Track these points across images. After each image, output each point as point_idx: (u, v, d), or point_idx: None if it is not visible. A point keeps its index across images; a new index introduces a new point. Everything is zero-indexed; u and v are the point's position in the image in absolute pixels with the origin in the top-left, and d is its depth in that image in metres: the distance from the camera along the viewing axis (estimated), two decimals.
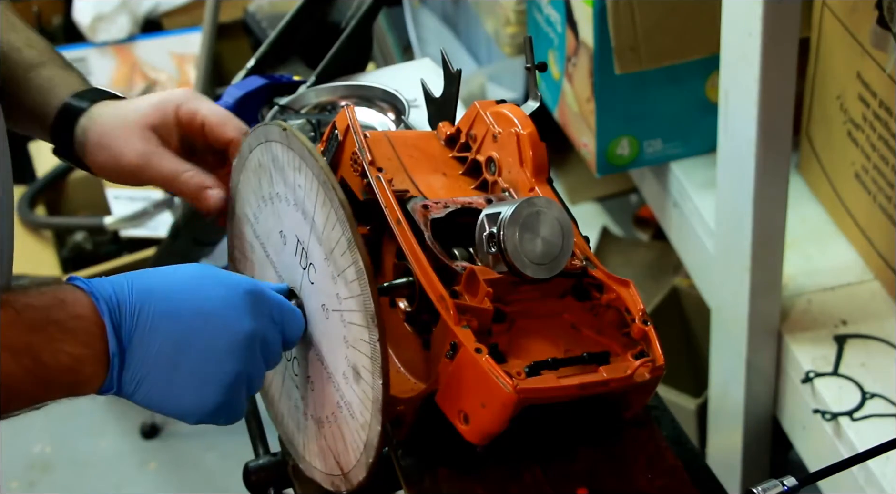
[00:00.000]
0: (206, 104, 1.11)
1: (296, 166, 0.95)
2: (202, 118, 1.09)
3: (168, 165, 1.09)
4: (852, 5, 1.55)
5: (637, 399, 0.96)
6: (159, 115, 1.10)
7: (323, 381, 0.98)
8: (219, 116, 1.10)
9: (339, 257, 0.92)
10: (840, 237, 1.73)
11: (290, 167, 0.96)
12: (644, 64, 1.76)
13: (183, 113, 1.10)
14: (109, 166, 1.10)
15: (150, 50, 3.45)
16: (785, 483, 0.89)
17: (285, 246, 1.00)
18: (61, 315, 0.85)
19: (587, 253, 0.99)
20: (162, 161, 1.09)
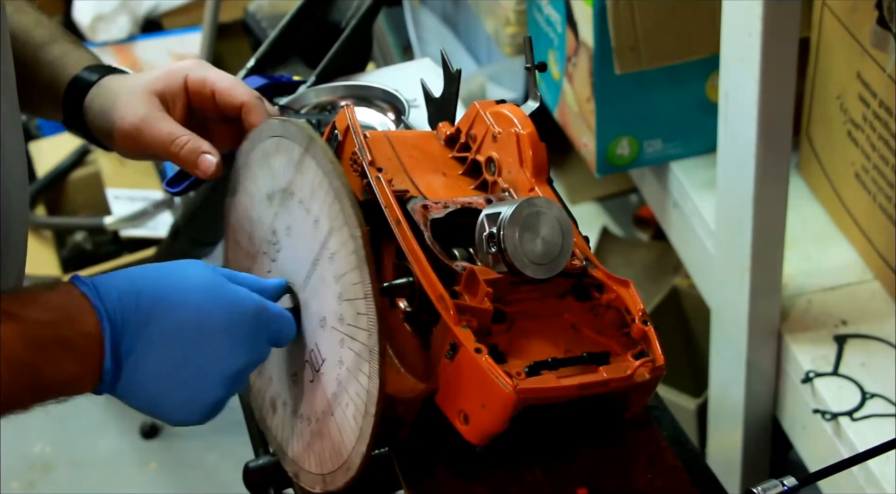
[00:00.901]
0: (214, 71, 1.09)
1: (316, 183, 0.94)
2: (211, 84, 1.08)
3: (165, 128, 1.07)
4: (852, 5, 1.55)
5: (637, 399, 0.96)
6: (166, 82, 1.08)
7: (312, 377, 0.98)
8: (228, 80, 1.08)
9: (350, 287, 0.91)
10: (840, 237, 1.73)
11: (309, 176, 0.95)
12: (644, 64, 1.76)
13: (192, 81, 1.08)
14: (109, 129, 1.09)
15: (150, 50, 3.45)
16: (785, 483, 0.89)
17: (290, 240, 0.99)
18: (68, 333, 0.85)
19: (587, 253, 0.99)
20: (160, 124, 1.07)
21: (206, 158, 1.06)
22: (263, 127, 1.03)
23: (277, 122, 1.00)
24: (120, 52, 3.45)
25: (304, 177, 0.96)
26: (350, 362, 0.92)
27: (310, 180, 0.95)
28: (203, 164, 1.06)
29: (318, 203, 0.94)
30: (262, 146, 1.03)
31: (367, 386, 0.91)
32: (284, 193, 0.99)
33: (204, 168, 1.06)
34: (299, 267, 0.98)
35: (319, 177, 0.93)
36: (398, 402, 0.97)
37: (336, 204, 0.92)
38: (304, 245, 0.96)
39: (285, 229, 0.99)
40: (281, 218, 1.00)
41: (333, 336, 0.94)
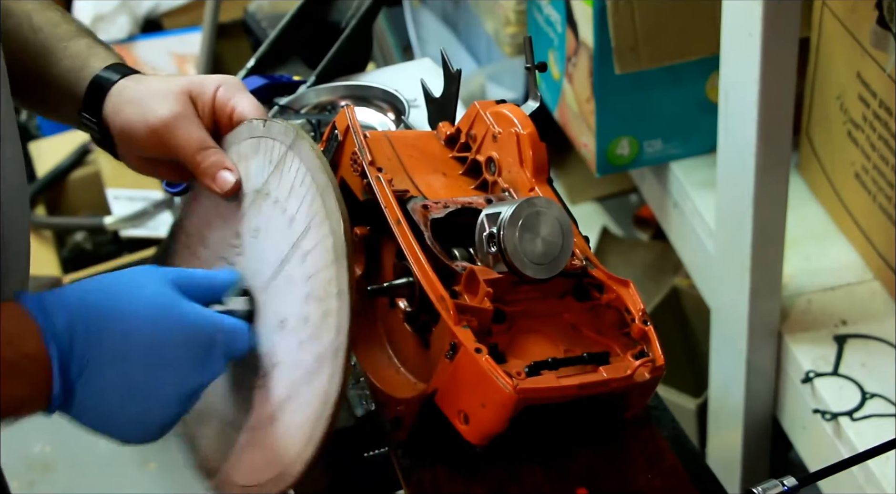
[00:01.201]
0: (244, 96, 1.06)
1: (298, 180, 0.93)
2: (234, 106, 1.05)
3: (197, 132, 1.03)
4: (852, 5, 1.54)
5: (637, 399, 0.96)
6: (199, 88, 1.05)
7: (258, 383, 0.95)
8: (252, 106, 1.05)
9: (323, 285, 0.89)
10: (840, 237, 1.73)
11: (290, 174, 0.94)
12: (644, 64, 1.76)
13: (220, 95, 1.05)
14: (134, 122, 1.04)
15: (150, 50, 3.45)
16: (785, 483, 0.89)
17: (256, 242, 0.97)
18: (12, 356, 0.82)
19: (587, 253, 0.99)
20: (193, 126, 1.03)
21: (226, 175, 1.02)
22: (242, 129, 1.01)
23: (259, 122, 0.99)
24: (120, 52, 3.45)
25: (284, 175, 0.94)
26: (310, 364, 0.90)
27: (290, 178, 0.93)
28: (222, 179, 1.02)
29: (296, 200, 0.92)
30: (237, 148, 1.01)
31: (326, 388, 0.88)
32: (258, 194, 0.97)
33: (221, 184, 1.02)
34: (262, 269, 0.95)
35: (302, 173, 0.92)
36: (398, 402, 0.97)
37: (317, 200, 0.90)
38: (272, 247, 0.94)
39: (252, 230, 0.97)
40: (248, 220, 0.98)
41: (293, 338, 0.92)
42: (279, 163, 0.95)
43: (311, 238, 0.91)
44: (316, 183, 0.91)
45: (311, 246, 0.90)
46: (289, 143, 0.94)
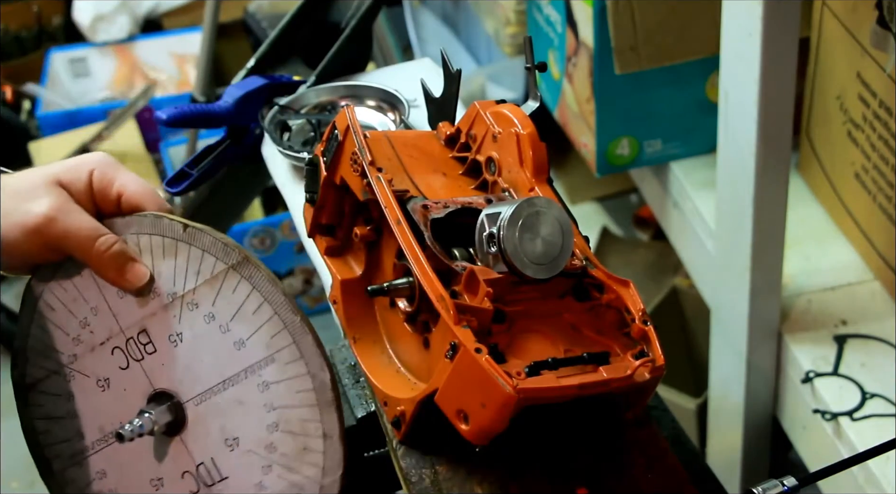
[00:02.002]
0: (124, 172, 0.96)
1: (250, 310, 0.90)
2: (119, 187, 0.95)
3: (86, 221, 0.93)
4: (852, 5, 1.55)
5: (637, 399, 0.96)
6: (72, 175, 0.94)
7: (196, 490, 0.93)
8: (138, 186, 0.95)
9: (298, 422, 0.88)
10: (840, 237, 1.73)
11: (236, 297, 0.90)
12: (644, 64, 1.76)
13: (98, 179, 0.95)
14: (9, 226, 0.92)
15: (150, 50, 3.46)
16: (785, 483, 0.88)
17: (179, 350, 0.93)
18: None
19: (587, 253, 0.99)
20: (78, 216, 0.93)
21: (138, 268, 0.93)
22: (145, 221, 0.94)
23: (168, 221, 0.93)
24: (120, 52, 3.45)
25: (225, 295, 0.90)
26: (279, 489, 0.89)
27: (236, 301, 0.90)
28: (133, 273, 0.93)
29: (246, 326, 0.90)
30: (135, 240, 0.95)
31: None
32: (176, 298, 0.93)
33: (133, 279, 0.93)
34: (192, 378, 0.92)
35: (256, 301, 0.89)
36: (398, 402, 0.97)
37: (284, 336, 0.88)
38: (206, 362, 0.91)
39: (171, 334, 0.93)
40: (162, 323, 0.94)
41: (251, 460, 0.90)
42: (214, 279, 0.91)
43: (275, 371, 0.89)
44: (281, 319, 0.89)
45: (276, 379, 0.89)
46: (231, 263, 0.91)
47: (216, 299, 0.91)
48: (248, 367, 0.90)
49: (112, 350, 0.96)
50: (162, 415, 0.93)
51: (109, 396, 0.96)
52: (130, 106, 3.07)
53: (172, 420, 0.93)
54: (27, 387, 1.00)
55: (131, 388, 0.95)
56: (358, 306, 1.05)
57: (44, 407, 1.00)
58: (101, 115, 3.15)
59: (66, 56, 3.43)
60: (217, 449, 0.92)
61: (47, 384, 0.99)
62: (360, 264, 1.07)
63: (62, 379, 0.98)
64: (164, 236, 0.93)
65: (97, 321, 0.96)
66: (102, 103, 3.35)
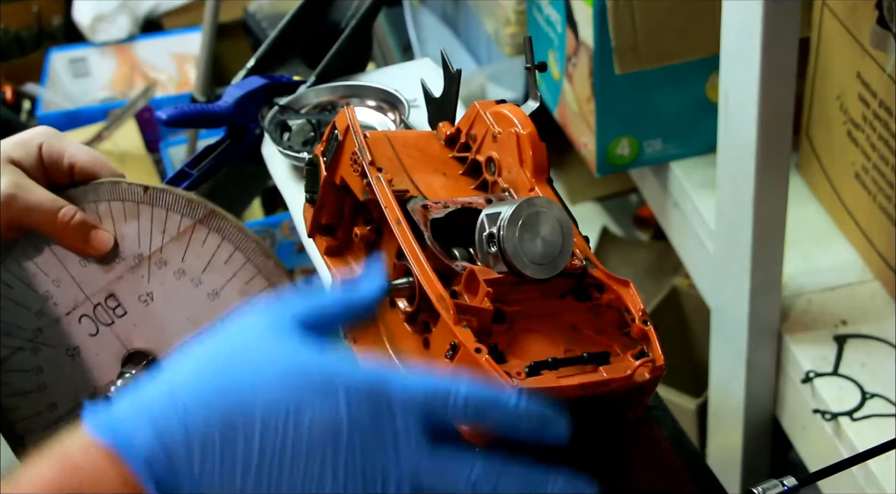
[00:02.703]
0: (71, 144, 0.97)
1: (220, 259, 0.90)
2: (70, 158, 0.95)
3: (43, 195, 0.93)
4: (852, 5, 1.54)
5: (637, 399, 0.96)
6: (22, 151, 0.95)
7: None
8: (88, 154, 0.96)
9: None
10: (840, 237, 1.73)
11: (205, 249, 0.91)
12: (644, 64, 1.76)
13: (48, 152, 0.95)
14: None
15: (150, 50, 3.45)
16: (785, 483, 0.88)
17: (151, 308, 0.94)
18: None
19: (587, 253, 0.99)
20: (37, 191, 0.94)
21: (102, 234, 0.94)
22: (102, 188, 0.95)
23: (126, 184, 0.94)
24: (120, 52, 3.45)
25: (194, 249, 0.91)
26: None
27: (206, 254, 0.91)
28: (97, 240, 0.94)
29: (220, 276, 0.90)
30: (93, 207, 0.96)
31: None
32: (142, 259, 0.93)
33: (98, 246, 0.94)
34: (169, 334, 0.92)
35: (227, 251, 0.89)
36: None
37: (261, 281, 0.88)
38: (180, 316, 0.92)
39: (141, 294, 0.93)
40: (129, 284, 0.94)
41: None
42: (181, 236, 0.92)
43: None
44: (254, 265, 0.89)
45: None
46: (198, 217, 0.91)
47: (185, 255, 0.92)
48: (225, 315, 0.91)
49: (79, 319, 0.96)
50: (142, 374, 0.93)
51: (81, 364, 0.96)
52: (130, 106, 3.07)
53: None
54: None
55: (104, 353, 0.96)
56: None
57: (12, 384, 0.99)
58: (101, 115, 3.14)
59: (66, 56, 3.43)
60: None
61: (13, 362, 0.99)
62: (360, 264, 1.07)
63: (28, 354, 0.98)
64: (124, 201, 0.94)
65: (60, 293, 0.96)
66: (102, 103, 3.35)
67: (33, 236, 0.96)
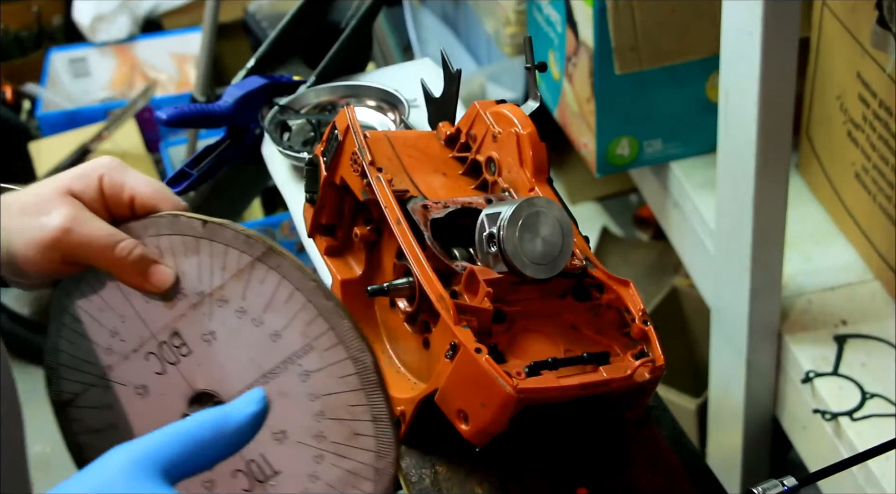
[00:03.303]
0: (133, 175, 0.92)
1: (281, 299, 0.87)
2: (131, 190, 0.91)
3: (101, 228, 0.89)
4: (852, 5, 1.55)
5: (637, 399, 0.96)
6: (82, 183, 0.91)
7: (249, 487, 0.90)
8: (150, 187, 0.92)
9: (345, 407, 0.84)
10: (840, 237, 1.73)
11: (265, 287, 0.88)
12: (644, 64, 1.76)
13: (108, 185, 0.91)
14: (23, 253, 0.89)
15: (150, 50, 3.45)
16: (785, 483, 0.88)
17: (214, 347, 0.90)
18: None
19: (587, 253, 0.99)
20: (95, 223, 0.89)
21: (162, 270, 0.90)
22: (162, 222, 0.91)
23: (185, 218, 0.90)
24: (120, 52, 3.45)
25: (254, 288, 0.88)
26: (334, 478, 0.87)
27: (266, 293, 0.88)
28: (157, 276, 0.90)
29: (280, 317, 0.87)
30: (154, 241, 0.92)
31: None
32: (203, 297, 0.90)
33: (158, 282, 0.90)
34: (232, 376, 0.90)
35: (287, 291, 0.87)
36: (398, 402, 0.97)
37: (320, 323, 0.86)
38: (242, 357, 0.89)
39: (204, 333, 0.90)
40: (192, 322, 0.91)
41: (302, 452, 0.88)
42: (240, 273, 0.89)
43: (315, 359, 0.86)
44: (315, 306, 0.86)
45: (316, 367, 0.86)
46: (256, 254, 0.88)
47: (245, 293, 0.88)
48: (287, 358, 0.88)
49: (146, 356, 0.93)
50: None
51: (149, 403, 0.93)
52: (130, 106, 3.07)
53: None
54: (65, 404, 0.97)
55: (170, 393, 0.92)
56: (358, 306, 1.05)
57: (84, 421, 0.97)
58: (101, 115, 3.14)
59: (66, 56, 3.43)
60: (266, 444, 0.89)
61: (85, 398, 0.97)
62: (360, 264, 1.07)
63: (100, 391, 0.96)
64: (183, 235, 0.90)
65: (126, 329, 0.93)
66: (102, 103, 3.35)
67: (97, 270, 0.93)
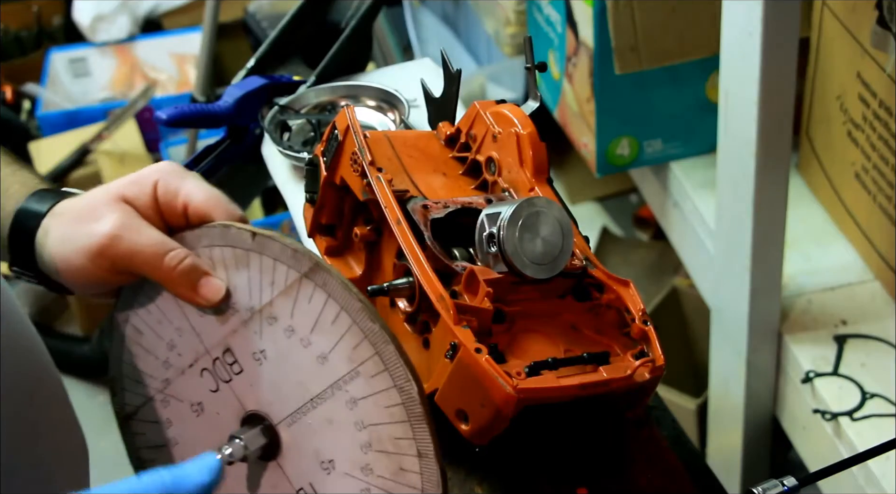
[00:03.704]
0: (190, 181, 0.89)
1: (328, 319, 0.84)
2: (185, 197, 0.88)
3: (154, 236, 0.87)
4: (852, 5, 1.55)
5: (637, 399, 0.96)
6: (136, 189, 0.88)
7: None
8: (204, 194, 0.88)
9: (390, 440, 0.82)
10: (840, 237, 1.73)
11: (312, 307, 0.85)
12: (644, 64, 1.76)
13: (163, 191, 0.88)
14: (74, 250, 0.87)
15: (150, 50, 3.45)
16: (785, 483, 0.88)
17: (264, 367, 0.88)
18: None
19: (587, 253, 0.99)
20: (146, 231, 0.86)
21: (213, 282, 0.87)
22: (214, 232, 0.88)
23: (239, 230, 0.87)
24: (120, 52, 3.45)
25: (301, 306, 0.85)
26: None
27: (313, 312, 0.85)
28: (207, 288, 0.87)
29: (326, 339, 0.84)
30: (207, 253, 0.89)
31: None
32: (254, 313, 0.87)
33: (208, 295, 0.87)
34: (281, 398, 0.87)
35: (333, 311, 0.84)
36: None
37: (366, 347, 0.83)
38: (291, 378, 0.86)
39: (254, 352, 0.88)
40: (243, 339, 0.88)
41: (349, 484, 0.85)
42: (289, 289, 0.86)
43: (361, 386, 0.83)
44: (360, 328, 0.83)
45: (363, 395, 0.83)
46: (303, 271, 0.85)
47: (294, 311, 0.85)
48: (334, 383, 0.85)
49: (201, 373, 0.91)
50: (255, 439, 0.87)
51: (204, 421, 0.92)
52: (130, 106, 3.07)
53: (267, 444, 0.87)
54: (128, 416, 0.97)
55: (224, 411, 0.90)
56: None
57: (146, 436, 0.96)
58: (101, 115, 3.14)
59: (66, 56, 3.43)
60: (314, 473, 0.86)
61: (146, 412, 0.95)
62: (360, 264, 1.07)
63: (159, 405, 0.94)
64: (234, 247, 0.87)
65: (183, 343, 0.91)
66: (102, 103, 3.35)
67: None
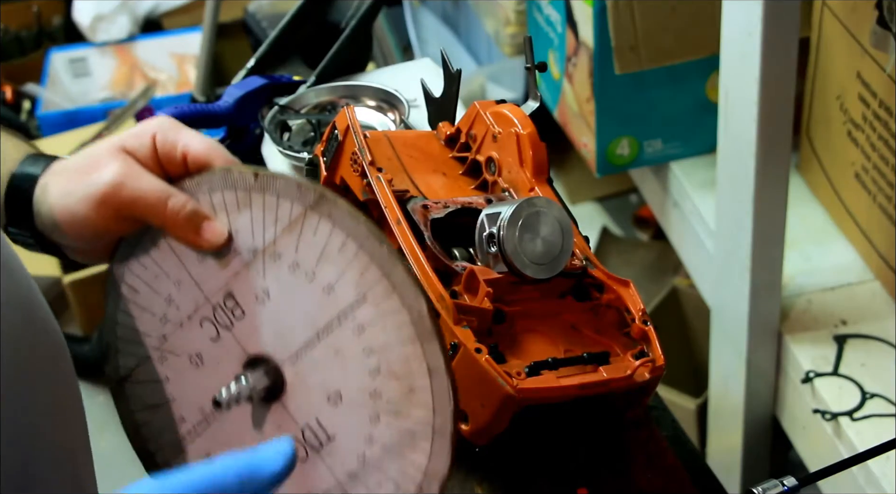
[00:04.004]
0: (186, 132, 0.91)
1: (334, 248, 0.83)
2: (183, 147, 0.90)
3: (153, 183, 0.88)
4: (852, 5, 1.55)
5: (637, 399, 0.96)
6: (136, 141, 0.90)
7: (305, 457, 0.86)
8: (203, 143, 0.90)
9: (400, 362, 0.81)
10: (840, 237, 1.73)
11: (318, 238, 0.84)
12: (644, 64, 1.76)
13: (162, 142, 0.90)
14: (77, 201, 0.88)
15: (150, 50, 3.45)
16: (785, 483, 0.89)
17: (267, 307, 0.87)
18: None
19: (587, 253, 0.99)
20: (147, 178, 0.88)
21: (215, 225, 0.87)
22: (215, 177, 0.89)
23: (236, 171, 0.88)
24: (120, 52, 3.45)
25: (306, 239, 0.85)
26: (391, 439, 0.82)
27: (318, 243, 0.84)
28: (210, 232, 0.87)
29: (333, 268, 0.83)
30: (207, 199, 0.89)
31: (423, 466, 0.80)
32: (257, 254, 0.87)
33: (211, 238, 0.87)
34: (285, 336, 0.86)
35: (339, 239, 0.83)
36: None
37: (373, 270, 0.81)
38: (296, 314, 0.85)
39: (258, 292, 0.87)
40: (246, 281, 0.88)
41: (357, 413, 0.84)
42: (293, 224, 0.85)
43: (368, 311, 0.82)
44: (367, 253, 0.82)
45: (370, 319, 0.82)
46: (308, 203, 0.84)
47: (298, 245, 0.85)
48: (341, 312, 0.83)
49: (200, 323, 0.90)
50: (259, 380, 0.86)
51: (204, 372, 0.90)
52: (130, 106, 3.07)
53: (271, 385, 0.86)
54: (122, 380, 0.95)
55: (225, 359, 0.89)
56: None
57: (141, 398, 0.95)
58: (101, 115, 3.14)
59: (66, 56, 3.43)
60: (320, 408, 0.85)
61: (141, 373, 0.94)
62: None
63: (156, 363, 0.93)
64: (236, 190, 0.87)
65: (181, 295, 0.90)
66: (102, 103, 3.35)
67: (152, 234, 0.91)
